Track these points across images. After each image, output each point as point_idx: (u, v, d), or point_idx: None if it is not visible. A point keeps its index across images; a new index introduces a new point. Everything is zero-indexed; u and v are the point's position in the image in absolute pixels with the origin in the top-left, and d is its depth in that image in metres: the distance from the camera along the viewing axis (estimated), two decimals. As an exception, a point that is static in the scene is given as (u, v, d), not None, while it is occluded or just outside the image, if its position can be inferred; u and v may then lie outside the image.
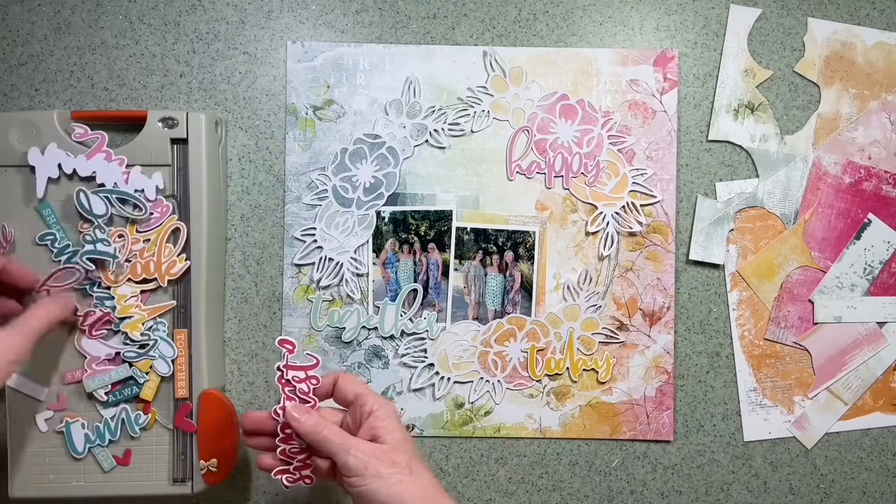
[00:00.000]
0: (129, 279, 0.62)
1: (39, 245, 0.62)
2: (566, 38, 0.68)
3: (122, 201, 0.62)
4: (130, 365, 0.62)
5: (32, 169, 0.62)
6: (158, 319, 0.63)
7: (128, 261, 0.62)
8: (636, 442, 0.68)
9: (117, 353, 0.62)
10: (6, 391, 0.63)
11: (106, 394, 0.62)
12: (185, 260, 0.62)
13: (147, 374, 0.62)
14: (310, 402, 0.56)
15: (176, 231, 0.63)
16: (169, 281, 0.62)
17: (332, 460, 0.53)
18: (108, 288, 0.62)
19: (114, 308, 0.62)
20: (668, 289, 0.68)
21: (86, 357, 0.62)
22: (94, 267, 0.62)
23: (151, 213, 0.62)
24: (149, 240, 0.62)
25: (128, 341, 0.62)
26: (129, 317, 0.62)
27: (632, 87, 0.67)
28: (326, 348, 0.67)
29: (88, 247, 0.61)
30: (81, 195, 0.61)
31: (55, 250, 0.62)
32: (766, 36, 0.68)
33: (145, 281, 0.62)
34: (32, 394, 0.62)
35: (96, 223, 0.62)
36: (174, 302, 0.63)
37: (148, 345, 0.62)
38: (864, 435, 0.69)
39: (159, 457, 0.63)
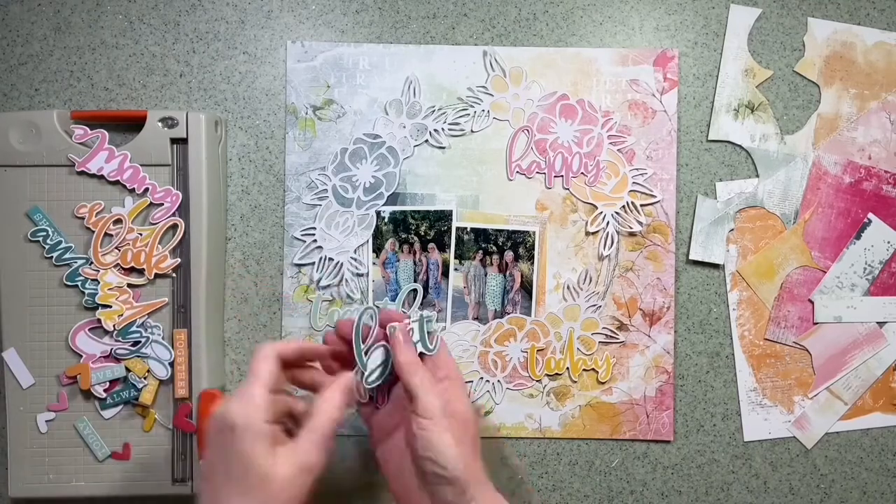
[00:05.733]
0: (117, 264, 0.62)
1: (31, 241, 0.62)
2: (566, 38, 0.68)
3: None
4: (121, 361, 0.62)
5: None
6: (152, 322, 0.63)
7: (117, 248, 0.62)
8: (636, 442, 0.68)
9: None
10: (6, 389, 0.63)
11: (105, 391, 0.62)
12: (177, 257, 0.62)
13: (145, 378, 0.62)
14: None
15: (173, 229, 0.63)
16: (158, 276, 0.62)
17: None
18: (97, 271, 0.62)
19: (95, 294, 0.62)
20: (668, 289, 0.67)
21: (81, 356, 0.62)
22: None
23: (161, 203, 0.62)
24: (143, 233, 0.62)
25: (119, 338, 0.62)
26: (108, 305, 0.62)
27: (632, 86, 0.67)
28: (326, 348, 0.67)
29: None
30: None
31: (47, 247, 0.62)
32: (766, 36, 0.68)
33: (133, 270, 0.62)
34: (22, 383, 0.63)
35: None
36: (166, 299, 0.63)
37: (140, 342, 0.62)
38: (864, 435, 0.69)
39: (159, 457, 0.63)
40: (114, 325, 0.62)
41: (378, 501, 0.66)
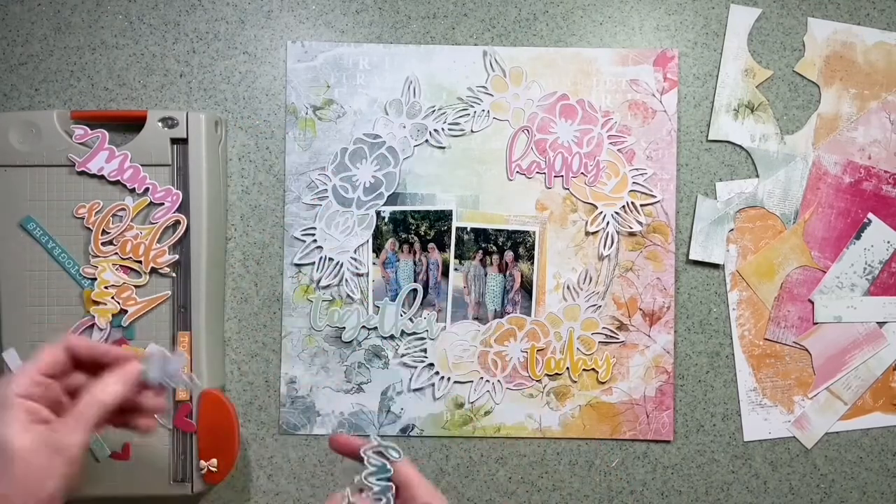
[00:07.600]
0: (116, 253, 0.62)
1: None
2: (566, 38, 0.68)
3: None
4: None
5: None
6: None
7: (113, 243, 0.63)
8: (636, 442, 0.68)
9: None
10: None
11: None
12: (176, 254, 0.63)
13: None
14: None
15: (174, 225, 0.63)
16: (158, 273, 0.63)
17: None
18: (95, 268, 0.63)
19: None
20: (668, 289, 0.67)
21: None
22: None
23: (162, 203, 0.62)
24: (142, 231, 0.62)
25: (104, 326, 0.63)
26: (103, 303, 0.62)
27: (632, 86, 0.67)
28: (326, 348, 0.67)
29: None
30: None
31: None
32: (766, 36, 0.68)
33: (132, 270, 0.62)
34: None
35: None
36: (168, 292, 0.63)
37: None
38: (863, 435, 0.69)
39: (159, 457, 0.63)
40: (107, 323, 0.62)
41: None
